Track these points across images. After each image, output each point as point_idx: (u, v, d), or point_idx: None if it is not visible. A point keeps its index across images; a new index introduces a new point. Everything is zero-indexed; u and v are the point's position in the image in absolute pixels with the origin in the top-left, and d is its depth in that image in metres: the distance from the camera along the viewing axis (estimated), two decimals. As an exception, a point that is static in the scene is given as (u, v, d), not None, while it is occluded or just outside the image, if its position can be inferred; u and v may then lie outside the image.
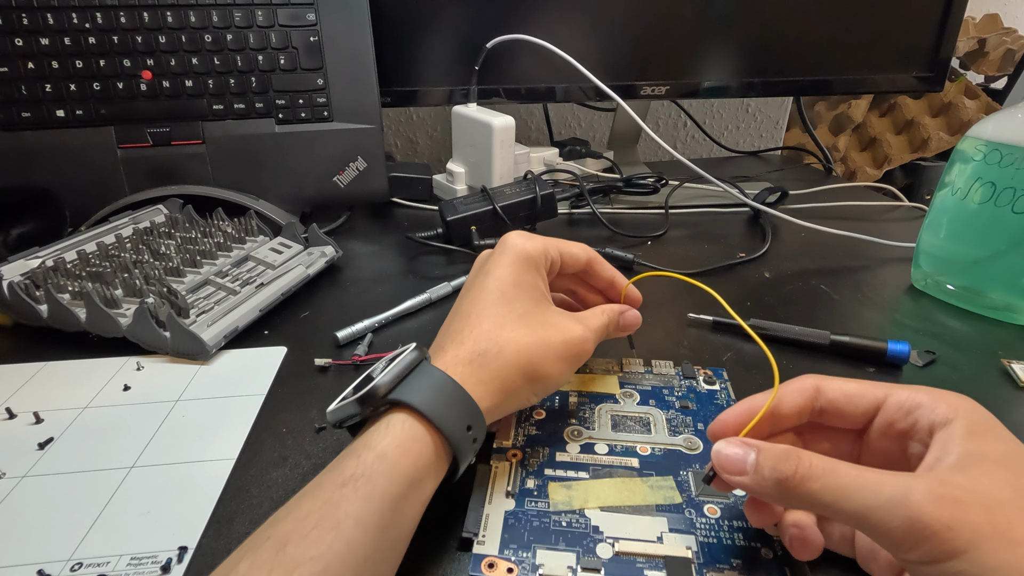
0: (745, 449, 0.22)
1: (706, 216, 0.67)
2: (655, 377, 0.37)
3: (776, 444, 0.22)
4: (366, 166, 0.61)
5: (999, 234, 0.43)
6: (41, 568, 0.25)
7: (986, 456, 0.20)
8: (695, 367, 0.38)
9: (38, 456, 0.32)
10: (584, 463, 0.30)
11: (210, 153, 0.58)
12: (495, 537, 0.26)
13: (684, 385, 0.37)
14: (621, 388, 0.36)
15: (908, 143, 1.13)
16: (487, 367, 0.27)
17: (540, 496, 0.28)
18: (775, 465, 0.21)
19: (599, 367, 0.38)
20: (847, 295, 0.49)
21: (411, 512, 0.23)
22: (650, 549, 0.25)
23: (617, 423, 0.33)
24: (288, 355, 0.40)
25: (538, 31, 0.63)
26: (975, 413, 0.22)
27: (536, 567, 0.25)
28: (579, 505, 0.28)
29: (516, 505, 0.28)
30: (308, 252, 0.51)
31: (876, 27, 0.68)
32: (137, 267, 0.45)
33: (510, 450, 0.31)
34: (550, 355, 0.28)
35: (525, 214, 0.57)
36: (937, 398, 0.23)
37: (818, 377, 0.26)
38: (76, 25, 0.53)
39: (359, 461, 0.23)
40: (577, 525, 0.27)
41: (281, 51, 0.57)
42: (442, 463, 0.25)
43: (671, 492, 0.29)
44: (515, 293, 0.29)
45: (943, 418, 0.22)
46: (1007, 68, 1.13)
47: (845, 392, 0.25)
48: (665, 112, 0.96)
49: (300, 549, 0.20)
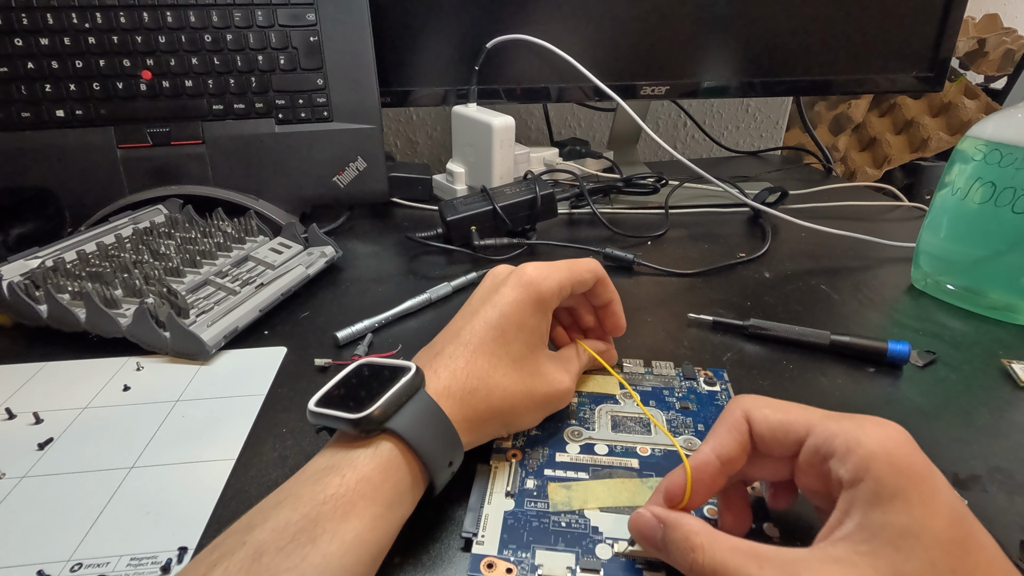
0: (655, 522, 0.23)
1: (706, 216, 0.67)
2: (655, 378, 0.37)
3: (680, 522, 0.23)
4: (366, 166, 0.61)
5: (999, 234, 0.43)
6: (41, 568, 0.25)
7: (882, 531, 0.19)
8: (695, 368, 0.38)
9: (38, 456, 0.32)
10: (584, 463, 0.30)
11: (210, 153, 0.57)
12: (494, 537, 0.26)
13: (685, 386, 0.37)
14: (621, 389, 0.36)
15: (908, 143, 1.14)
16: (473, 406, 0.27)
17: (540, 496, 0.28)
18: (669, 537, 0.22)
19: (599, 368, 0.38)
20: (847, 295, 0.49)
21: (389, 529, 0.24)
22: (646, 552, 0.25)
23: (617, 424, 0.33)
24: (288, 355, 0.40)
25: (538, 31, 0.63)
26: (887, 470, 0.20)
27: (535, 567, 0.25)
28: (579, 506, 0.28)
29: (515, 505, 0.28)
30: (308, 252, 0.51)
31: (876, 27, 0.68)
32: (137, 267, 0.45)
33: (510, 450, 0.31)
34: (531, 406, 0.30)
35: (525, 214, 0.57)
36: (852, 447, 0.21)
37: (745, 405, 0.25)
38: (76, 25, 0.53)
39: (343, 481, 0.23)
40: (576, 526, 0.27)
41: (281, 51, 0.57)
42: (419, 487, 0.26)
43: None
44: (515, 334, 0.29)
45: (851, 476, 0.20)
46: (1007, 68, 1.13)
47: (770, 426, 0.24)
48: (665, 112, 0.96)
49: (276, 560, 0.20)
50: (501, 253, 0.55)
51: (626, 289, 0.50)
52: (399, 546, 0.25)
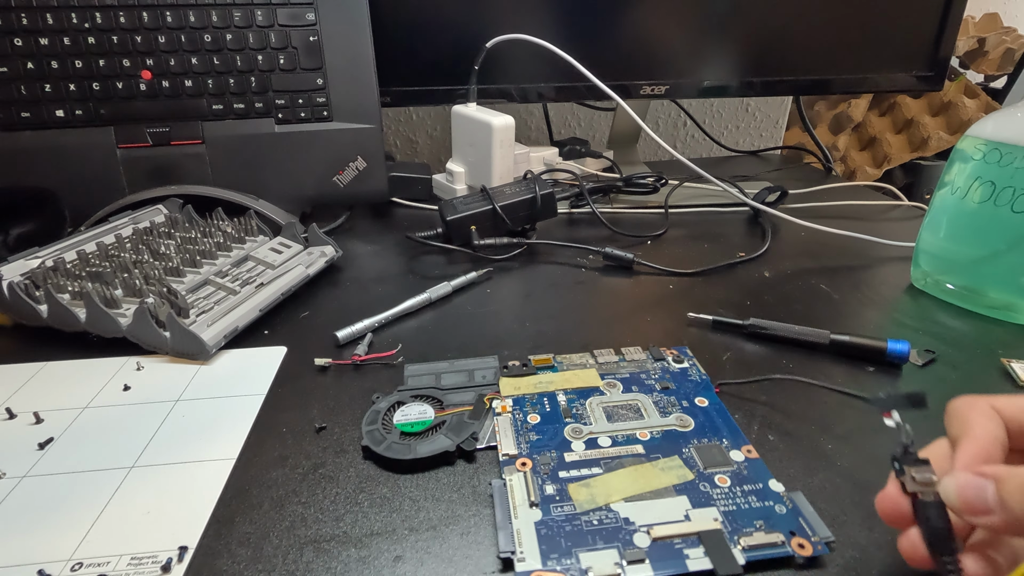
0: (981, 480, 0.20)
1: (706, 216, 0.67)
2: (629, 364, 0.38)
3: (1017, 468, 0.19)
4: (366, 166, 0.61)
5: (999, 233, 0.43)
6: (41, 568, 0.25)
7: None
8: (661, 348, 0.40)
9: (38, 456, 0.32)
10: (593, 459, 0.30)
11: (210, 153, 0.57)
12: (533, 550, 0.25)
13: (657, 367, 0.38)
14: (603, 379, 0.37)
15: (908, 142, 1.13)
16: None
17: (563, 500, 0.28)
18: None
19: (574, 362, 0.38)
20: (847, 294, 0.49)
21: None
22: (682, 528, 0.26)
23: (611, 414, 0.34)
24: (288, 355, 0.41)
25: (538, 31, 0.63)
26: None
27: (584, 571, 0.24)
28: (603, 501, 0.28)
29: (543, 514, 0.27)
30: (308, 252, 0.51)
31: (876, 27, 0.68)
32: (137, 267, 0.45)
33: (518, 459, 0.30)
34: None
35: (525, 214, 0.57)
36: None
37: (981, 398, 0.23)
38: (75, 25, 0.53)
39: None
40: (608, 521, 0.27)
41: (281, 51, 0.57)
42: None
43: (681, 470, 0.30)
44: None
45: None
46: (1007, 67, 1.13)
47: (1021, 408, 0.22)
48: (665, 112, 0.96)
49: None
50: (501, 253, 0.55)
51: (626, 289, 0.50)
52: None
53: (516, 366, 0.38)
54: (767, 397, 0.36)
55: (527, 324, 0.44)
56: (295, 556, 0.26)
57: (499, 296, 0.49)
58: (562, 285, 0.51)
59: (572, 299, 0.48)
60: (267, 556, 0.26)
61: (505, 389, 0.36)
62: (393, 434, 0.32)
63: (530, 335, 0.43)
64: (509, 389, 0.36)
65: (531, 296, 0.49)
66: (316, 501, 0.29)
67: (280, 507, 0.29)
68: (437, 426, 0.33)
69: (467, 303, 0.48)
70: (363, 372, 0.39)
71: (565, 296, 0.49)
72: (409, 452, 0.31)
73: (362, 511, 0.28)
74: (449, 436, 0.32)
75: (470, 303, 0.48)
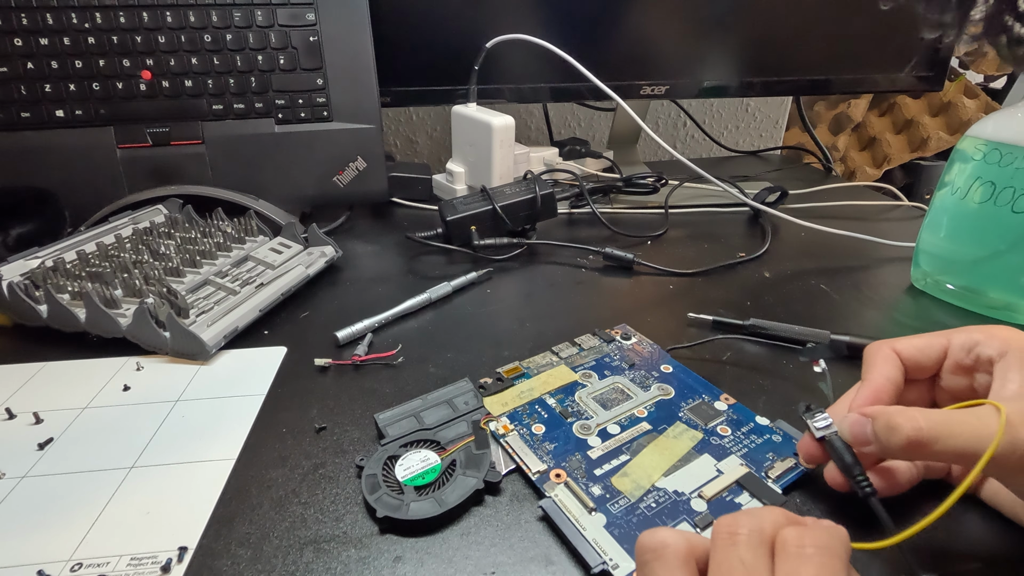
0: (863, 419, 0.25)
1: (706, 216, 0.67)
2: (589, 351, 0.40)
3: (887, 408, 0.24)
4: (366, 166, 0.61)
5: (999, 233, 0.43)
6: (41, 568, 0.25)
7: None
8: (607, 330, 0.42)
9: (38, 456, 0.32)
10: (615, 448, 0.31)
11: (210, 153, 0.57)
12: (619, 553, 0.25)
13: (613, 348, 0.40)
14: (576, 372, 0.37)
15: (908, 143, 1.14)
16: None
17: (613, 496, 0.28)
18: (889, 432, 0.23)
19: (540, 363, 0.38)
20: (847, 295, 0.49)
21: None
22: (723, 482, 0.29)
23: (604, 402, 0.35)
24: (288, 355, 0.40)
25: (538, 31, 0.63)
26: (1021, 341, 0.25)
27: None
28: (647, 483, 0.29)
29: (605, 516, 0.27)
30: (308, 252, 0.51)
31: (876, 27, 0.68)
32: (137, 267, 0.45)
33: (551, 472, 0.30)
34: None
35: (525, 214, 0.57)
36: (990, 334, 0.26)
37: (887, 343, 0.28)
38: (75, 25, 0.53)
39: None
40: (664, 499, 0.28)
41: (281, 51, 0.57)
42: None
43: (690, 432, 0.32)
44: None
45: (999, 351, 0.25)
46: (1006, 68, 1.13)
47: (916, 347, 0.28)
48: (665, 112, 0.96)
49: None
50: (501, 253, 0.55)
51: (626, 289, 0.50)
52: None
53: (491, 383, 0.36)
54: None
55: (527, 324, 0.44)
56: (295, 556, 0.26)
57: (499, 296, 0.49)
58: (562, 285, 0.51)
59: (572, 299, 0.48)
60: (267, 556, 0.26)
61: (494, 408, 0.34)
62: (407, 492, 0.28)
63: (530, 335, 0.43)
64: (498, 407, 0.34)
65: (531, 296, 0.49)
66: (316, 501, 0.29)
67: (280, 507, 0.29)
68: (448, 468, 0.30)
69: (467, 303, 0.48)
70: (363, 372, 0.39)
71: (565, 296, 0.49)
72: (439, 506, 0.27)
73: (362, 511, 0.28)
74: (470, 474, 0.29)
75: (470, 303, 0.48)
